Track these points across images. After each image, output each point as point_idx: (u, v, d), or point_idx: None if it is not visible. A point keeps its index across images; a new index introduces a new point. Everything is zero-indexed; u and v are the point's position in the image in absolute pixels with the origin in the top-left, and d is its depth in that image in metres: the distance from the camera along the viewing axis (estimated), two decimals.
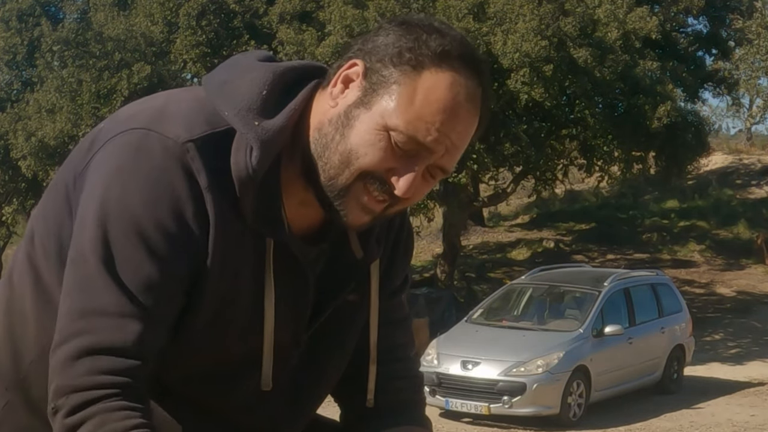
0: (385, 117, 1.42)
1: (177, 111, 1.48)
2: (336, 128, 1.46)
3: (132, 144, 1.44)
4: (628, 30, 17.35)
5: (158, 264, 1.41)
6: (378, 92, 1.44)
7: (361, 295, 1.63)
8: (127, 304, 1.40)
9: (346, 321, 1.64)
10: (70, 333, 1.40)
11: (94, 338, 1.39)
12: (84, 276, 1.41)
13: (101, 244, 1.41)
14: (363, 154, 1.43)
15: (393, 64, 1.44)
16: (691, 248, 24.51)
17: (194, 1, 18.98)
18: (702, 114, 22.62)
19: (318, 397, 1.70)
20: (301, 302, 1.56)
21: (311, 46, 17.25)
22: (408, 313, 1.79)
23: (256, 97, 1.47)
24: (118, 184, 1.42)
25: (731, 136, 39.10)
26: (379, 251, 1.62)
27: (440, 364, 12.43)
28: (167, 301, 1.43)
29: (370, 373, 1.67)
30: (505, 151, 17.37)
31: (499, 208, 27.58)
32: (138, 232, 1.41)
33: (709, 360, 16.72)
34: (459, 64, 1.44)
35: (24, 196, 21.24)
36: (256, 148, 1.44)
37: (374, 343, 1.66)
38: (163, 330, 1.44)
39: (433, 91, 1.42)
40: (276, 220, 1.48)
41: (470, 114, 1.46)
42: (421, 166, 1.45)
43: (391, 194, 1.46)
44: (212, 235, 1.44)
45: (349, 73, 1.47)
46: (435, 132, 1.42)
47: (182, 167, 1.42)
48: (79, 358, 1.39)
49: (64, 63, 19.01)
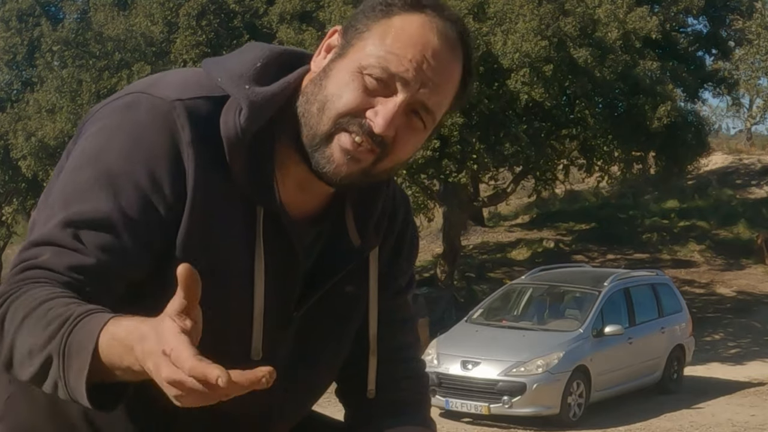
0: (359, 59, 1.44)
1: (173, 77, 1.52)
2: (315, 84, 1.48)
3: (122, 105, 1.47)
4: (628, 30, 17.35)
5: (118, 208, 1.40)
6: (352, 42, 1.47)
7: (359, 286, 1.62)
8: (72, 237, 1.37)
9: (343, 312, 1.62)
10: (19, 255, 1.40)
11: (39, 260, 1.37)
12: (45, 197, 1.44)
13: (70, 173, 1.43)
14: (338, 96, 1.44)
15: (366, 17, 1.47)
16: (691, 248, 24.52)
17: (194, 1, 18.99)
18: (702, 114, 22.68)
19: (313, 390, 1.68)
20: (290, 276, 1.55)
21: (311, 46, 17.25)
22: (413, 314, 1.78)
23: (249, 66, 1.49)
24: (103, 135, 1.45)
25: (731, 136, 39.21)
26: (377, 239, 1.61)
27: (440, 364, 12.42)
28: (120, 247, 1.39)
29: (370, 365, 1.66)
30: (505, 151, 17.37)
31: (499, 208, 27.59)
32: (108, 175, 1.41)
33: (709, 360, 16.73)
34: (431, 11, 1.46)
35: (24, 196, 21.25)
36: (245, 107, 1.45)
37: (374, 335, 1.65)
38: (109, 275, 1.39)
39: (404, 29, 1.44)
40: (267, 187, 1.48)
41: (445, 51, 1.45)
42: (398, 99, 1.44)
43: (371, 133, 1.43)
44: (190, 188, 1.43)
45: (330, 41, 1.51)
46: (407, 63, 1.43)
47: (165, 123, 1.43)
48: (16, 275, 1.37)
49: (64, 63, 19.01)
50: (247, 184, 1.47)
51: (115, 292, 1.40)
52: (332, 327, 1.63)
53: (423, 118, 1.47)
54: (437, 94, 1.45)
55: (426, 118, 1.47)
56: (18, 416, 1.61)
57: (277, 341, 1.56)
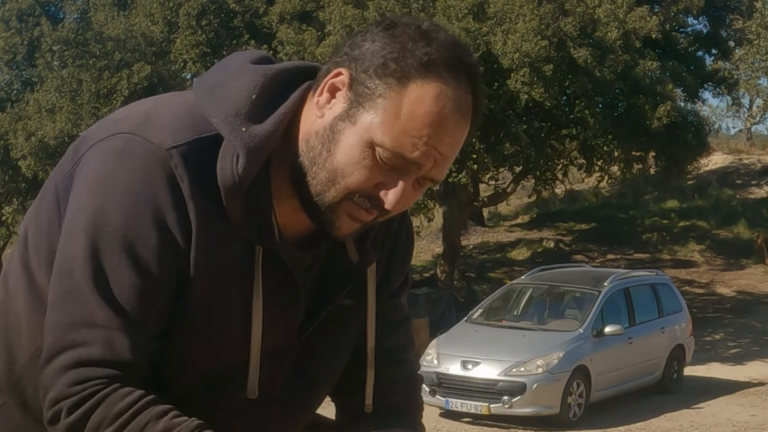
0: (370, 132, 1.40)
1: (164, 116, 1.47)
2: (322, 143, 1.43)
3: (116, 149, 1.43)
4: (628, 30, 17.34)
5: (143, 274, 1.41)
6: (363, 105, 1.41)
7: (357, 299, 1.61)
8: (114, 317, 1.40)
9: (341, 325, 1.62)
10: (60, 347, 1.40)
11: (84, 351, 1.39)
12: (71, 289, 1.41)
13: (87, 256, 1.41)
14: (349, 173, 1.42)
15: (378, 76, 1.41)
16: (691, 248, 24.51)
17: (194, 1, 18.98)
18: (702, 114, 22.64)
19: (312, 402, 1.68)
20: (293, 309, 1.55)
21: (311, 46, 17.25)
22: (408, 315, 1.77)
23: (245, 102, 1.45)
24: (102, 194, 1.42)
25: (731, 136, 39.17)
26: (375, 255, 1.60)
27: (440, 364, 12.42)
28: (153, 310, 1.43)
29: (368, 378, 1.65)
30: (505, 151, 17.37)
31: (499, 208, 27.58)
32: (122, 244, 1.40)
33: (709, 360, 16.72)
34: (446, 72, 1.40)
35: (24, 196, 21.22)
36: (242, 155, 1.42)
37: (372, 348, 1.64)
38: (151, 339, 1.44)
39: (419, 105, 1.39)
40: (266, 227, 1.47)
41: (458, 124, 1.42)
42: (409, 179, 1.43)
43: (380, 208, 1.44)
44: (194, 242, 1.42)
45: (335, 82, 1.45)
46: (422, 146, 1.40)
47: (165, 175, 1.41)
48: (69, 370, 1.40)
49: (64, 63, 19.00)
50: (245, 227, 1.46)
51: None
52: (331, 341, 1.62)
53: (427, 185, 1.48)
54: (446, 165, 1.45)
55: (430, 185, 1.48)
56: (11, 423, 1.61)
57: (276, 374, 1.56)
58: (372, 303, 1.62)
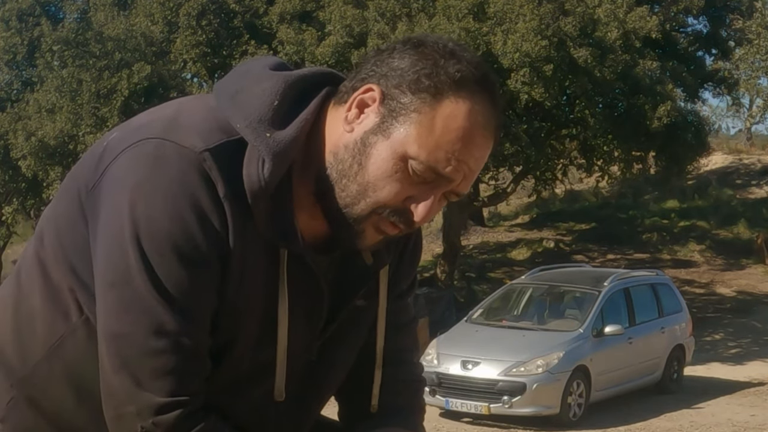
0: (405, 146, 1.42)
1: (190, 120, 1.48)
2: (353, 156, 1.45)
3: (149, 155, 1.44)
4: (628, 30, 17.34)
5: (196, 274, 1.43)
6: (397, 119, 1.44)
7: (369, 299, 1.63)
8: (182, 322, 1.42)
9: (352, 325, 1.63)
10: (132, 356, 1.42)
11: (160, 360, 1.42)
12: (132, 297, 1.42)
13: (142, 263, 1.41)
14: (381, 187, 1.44)
15: (411, 91, 1.43)
16: (691, 248, 24.52)
17: (194, 1, 18.97)
18: (702, 114, 22.63)
19: (322, 400, 1.70)
20: (315, 313, 1.57)
21: (311, 46, 17.25)
22: (414, 317, 1.79)
23: (267, 108, 1.46)
24: (142, 199, 1.42)
25: (731, 136, 39.16)
26: (389, 257, 1.62)
27: (440, 364, 12.43)
28: (209, 311, 1.46)
29: (375, 378, 1.67)
30: (505, 151, 17.36)
31: (499, 208, 27.58)
32: (173, 248, 1.42)
33: (709, 360, 16.72)
34: (476, 88, 1.44)
35: (24, 196, 21.21)
36: (268, 160, 1.44)
37: (381, 349, 1.66)
38: (208, 338, 1.47)
39: (453, 120, 1.42)
40: (290, 231, 1.48)
41: (486, 139, 1.47)
42: (438, 193, 1.46)
43: (407, 222, 1.46)
44: (231, 241, 1.45)
45: (364, 98, 1.46)
46: (454, 161, 1.43)
47: (201, 176, 1.42)
48: (153, 380, 1.42)
49: (64, 63, 18.99)
50: (270, 230, 1.47)
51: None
52: (342, 341, 1.64)
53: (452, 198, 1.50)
54: (472, 179, 1.49)
55: (455, 199, 1.51)
56: (20, 419, 1.62)
57: (295, 375, 1.58)
58: (383, 304, 1.64)
